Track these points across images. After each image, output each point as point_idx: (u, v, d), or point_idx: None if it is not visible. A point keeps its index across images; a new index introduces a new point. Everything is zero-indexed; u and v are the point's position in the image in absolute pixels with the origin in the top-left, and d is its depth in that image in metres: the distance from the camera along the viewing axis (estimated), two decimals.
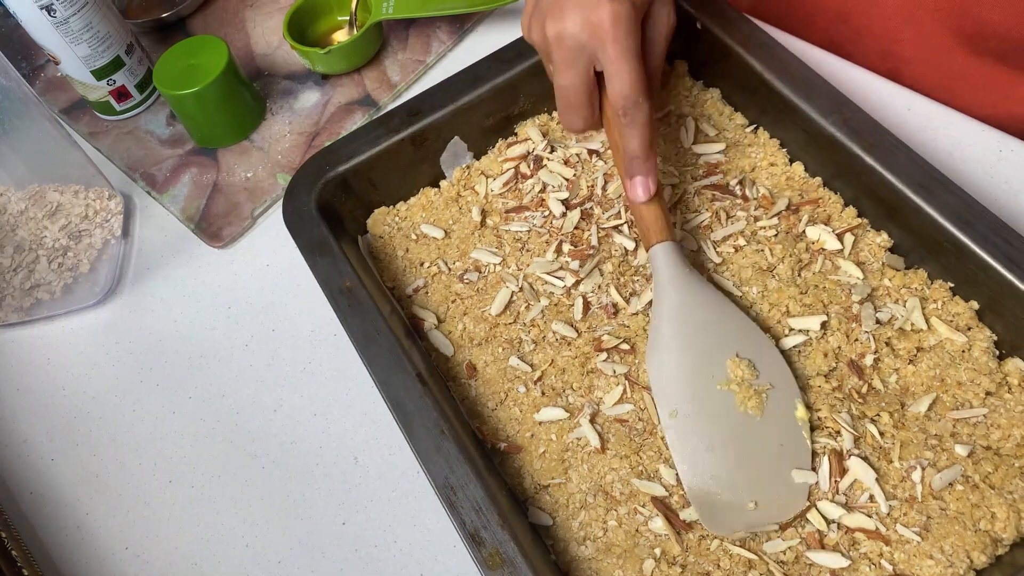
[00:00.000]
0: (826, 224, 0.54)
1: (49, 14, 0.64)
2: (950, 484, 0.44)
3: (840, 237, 0.53)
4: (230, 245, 0.66)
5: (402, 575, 0.50)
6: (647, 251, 0.51)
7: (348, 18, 0.75)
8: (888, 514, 0.44)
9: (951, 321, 0.49)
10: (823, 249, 0.53)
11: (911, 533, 0.44)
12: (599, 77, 0.49)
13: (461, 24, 0.75)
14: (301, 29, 0.73)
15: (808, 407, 0.47)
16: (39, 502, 0.56)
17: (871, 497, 0.45)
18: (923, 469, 0.45)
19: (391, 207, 0.60)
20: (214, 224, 0.66)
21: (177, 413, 0.58)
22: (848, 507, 0.45)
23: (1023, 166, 0.56)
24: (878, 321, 0.50)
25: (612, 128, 0.51)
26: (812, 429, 0.47)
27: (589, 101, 0.50)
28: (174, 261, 0.66)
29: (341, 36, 0.75)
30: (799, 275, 0.52)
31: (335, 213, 0.57)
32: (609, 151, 0.59)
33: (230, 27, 0.79)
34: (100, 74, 0.69)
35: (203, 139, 0.70)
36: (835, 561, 0.43)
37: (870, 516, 0.44)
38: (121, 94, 0.72)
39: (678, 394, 0.48)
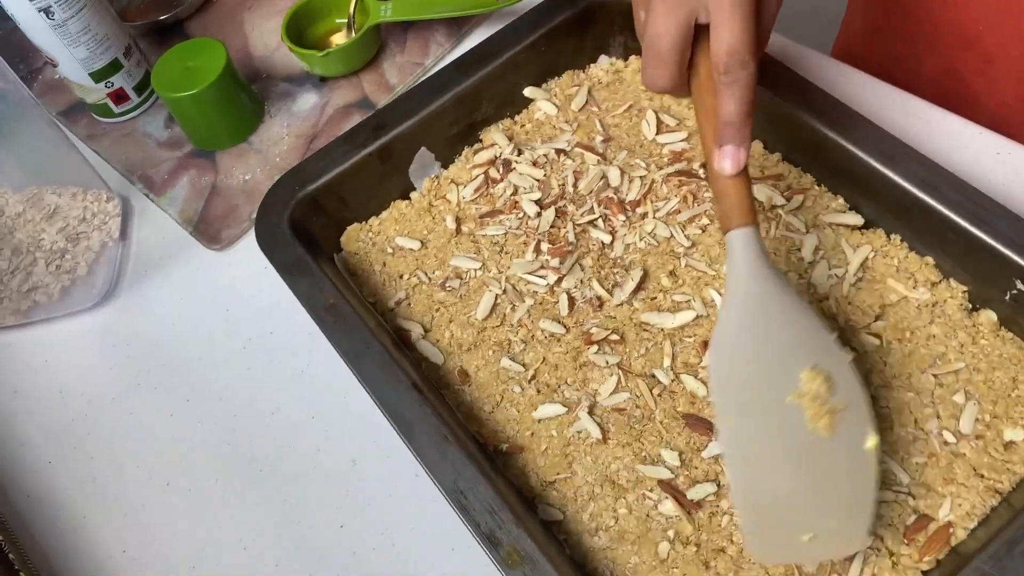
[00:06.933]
0: (784, 193, 0.56)
1: (47, 16, 0.64)
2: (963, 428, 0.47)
3: (789, 199, 0.55)
4: (228, 247, 0.65)
5: None
6: (724, 234, 0.45)
7: (346, 21, 0.75)
8: (914, 479, 0.46)
9: (910, 277, 0.52)
10: (778, 213, 0.55)
11: (940, 487, 0.45)
12: (698, 32, 0.45)
13: (459, 27, 0.75)
14: (299, 31, 0.73)
15: (877, 436, 0.43)
16: (36, 505, 0.56)
17: (886, 472, 0.46)
18: (939, 419, 0.47)
19: (363, 223, 0.60)
20: (212, 226, 0.66)
21: (175, 416, 0.58)
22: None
23: (1021, 168, 0.56)
24: (833, 276, 0.52)
25: (703, 93, 0.46)
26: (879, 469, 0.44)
27: (681, 56, 0.45)
28: (172, 263, 0.65)
29: (339, 39, 0.75)
30: None
31: (308, 233, 0.56)
32: (578, 148, 0.60)
33: (228, 29, 0.79)
34: (98, 76, 0.69)
35: (201, 141, 0.70)
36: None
37: (889, 487, 0.45)
38: (119, 96, 0.72)
39: (742, 398, 0.43)
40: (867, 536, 0.42)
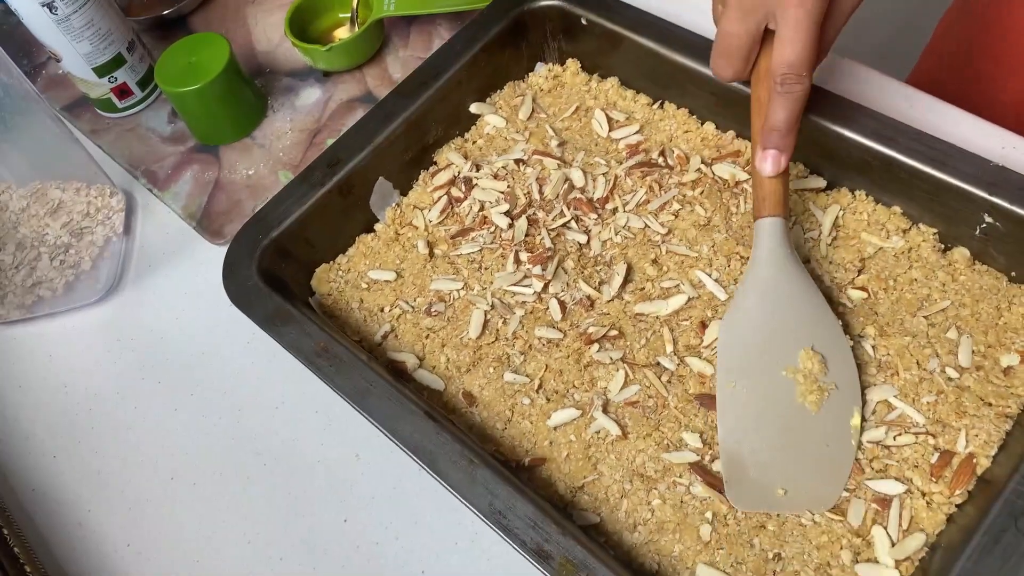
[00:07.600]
0: (745, 168, 0.57)
1: (50, 11, 0.64)
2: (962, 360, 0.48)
3: (751, 173, 0.55)
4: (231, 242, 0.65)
5: (403, 572, 0.50)
6: (755, 220, 0.50)
7: (349, 15, 0.75)
8: (929, 418, 0.47)
9: (881, 228, 0.53)
10: (744, 188, 0.56)
11: (954, 422, 0.47)
12: (766, 32, 0.48)
13: (462, 21, 0.75)
14: (302, 26, 0.73)
15: (863, 418, 0.47)
16: (41, 499, 0.56)
17: (901, 416, 0.47)
18: (939, 358, 0.49)
19: (331, 262, 0.59)
20: (216, 221, 0.66)
21: (179, 410, 0.58)
22: (888, 426, 0.47)
23: None
24: (809, 239, 0.54)
25: (761, 87, 0.49)
26: (859, 442, 0.47)
27: (748, 55, 0.49)
28: (176, 258, 0.66)
29: (342, 33, 0.75)
30: (729, 223, 0.55)
31: (280, 281, 0.55)
32: (536, 156, 0.61)
33: (231, 24, 0.79)
34: (102, 71, 0.69)
35: (205, 136, 0.70)
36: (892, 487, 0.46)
37: (907, 430, 0.47)
38: (123, 91, 0.72)
39: (743, 366, 0.48)
40: (837, 497, 0.45)
